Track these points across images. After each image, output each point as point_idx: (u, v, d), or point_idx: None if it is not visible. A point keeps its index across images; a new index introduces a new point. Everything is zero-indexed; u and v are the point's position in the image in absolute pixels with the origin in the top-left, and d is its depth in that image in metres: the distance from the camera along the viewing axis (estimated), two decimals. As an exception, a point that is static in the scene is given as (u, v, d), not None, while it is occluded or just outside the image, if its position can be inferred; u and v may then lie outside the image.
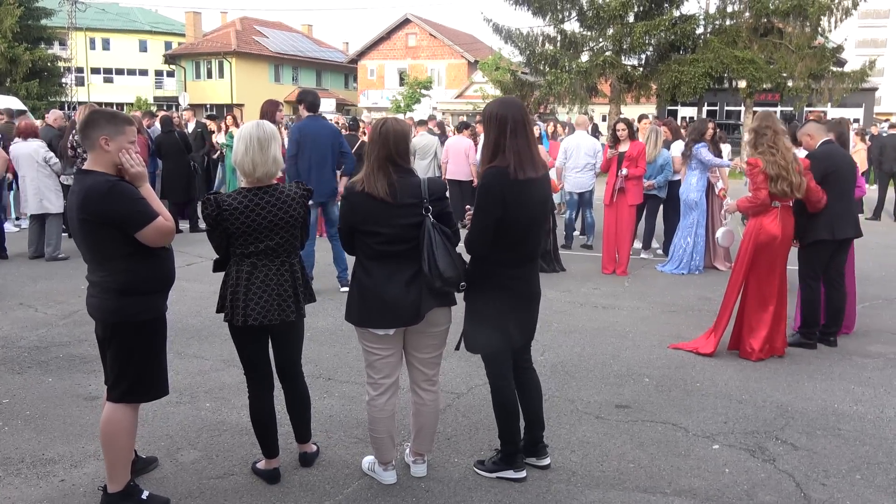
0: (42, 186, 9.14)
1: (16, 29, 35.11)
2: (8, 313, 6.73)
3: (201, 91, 46.34)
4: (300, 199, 3.45)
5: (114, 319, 3.25)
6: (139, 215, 3.15)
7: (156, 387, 3.41)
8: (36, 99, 33.76)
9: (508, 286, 3.48)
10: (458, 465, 3.85)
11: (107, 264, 3.21)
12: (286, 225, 3.39)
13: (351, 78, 51.45)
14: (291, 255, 3.48)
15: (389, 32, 45.22)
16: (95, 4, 46.57)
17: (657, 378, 5.20)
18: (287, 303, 3.42)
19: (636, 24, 24.14)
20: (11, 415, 4.47)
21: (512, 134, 3.35)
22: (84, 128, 3.22)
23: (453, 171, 11.48)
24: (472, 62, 41.12)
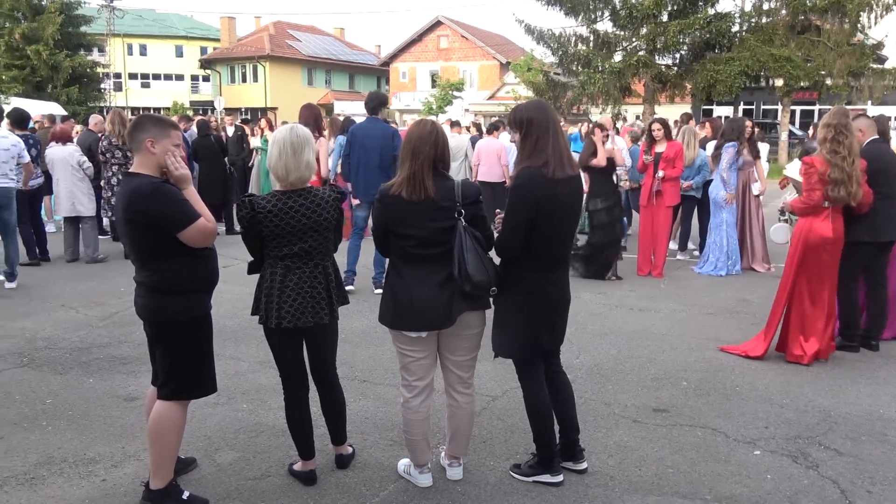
0: (75, 189, 9.30)
1: (57, 36, 35.91)
2: (51, 314, 6.86)
3: (236, 95, 46.91)
4: (333, 202, 3.45)
5: (159, 318, 3.32)
6: (181, 216, 3.20)
7: (204, 384, 3.46)
8: (76, 104, 34.45)
9: (538, 290, 3.46)
10: (494, 469, 3.83)
11: (151, 264, 3.28)
12: (319, 227, 3.40)
13: (383, 80, 51.67)
14: (325, 257, 3.48)
15: (421, 35, 45.31)
16: (133, 11, 47.51)
17: (695, 382, 5.12)
18: (320, 305, 3.43)
19: (670, 23, 23.90)
20: (55, 415, 4.55)
21: (544, 134, 3.34)
22: (132, 130, 3.32)
23: (485, 173, 11.44)
24: (504, 63, 41.03)
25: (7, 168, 7.91)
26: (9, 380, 5.14)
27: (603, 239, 8.27)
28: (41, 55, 35.37)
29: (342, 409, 3.77)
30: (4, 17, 36.59)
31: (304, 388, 3.64)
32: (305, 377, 3.64)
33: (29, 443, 4.14)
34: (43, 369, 5.37)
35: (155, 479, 3.38)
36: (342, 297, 3.62)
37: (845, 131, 5.21)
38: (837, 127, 5.23)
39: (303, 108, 8.02)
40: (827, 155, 5.22)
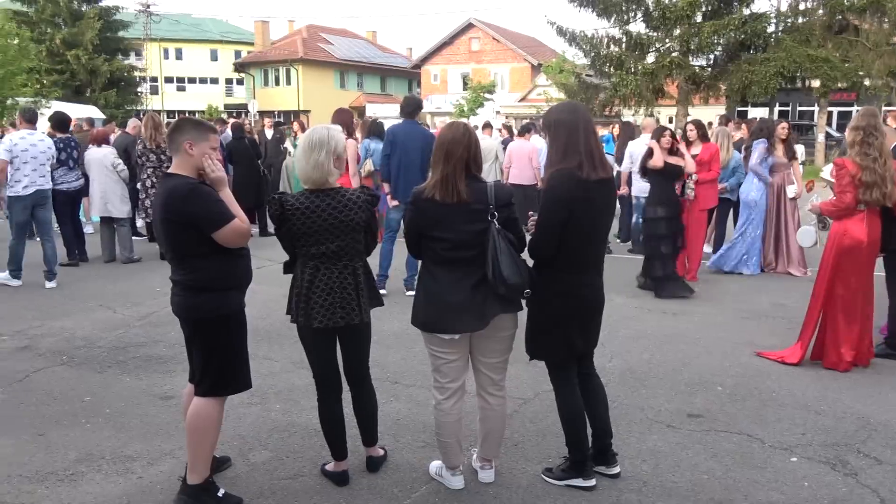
0: (108, 191, 9.47)
1: (95, 41, 36.68)
2: (89, 314, 6.99)
3: (269, 98, 47.40)
4: (363, 204, 3.45)
5: (194, 316, 3.39)
6: (217, 216, 3.27)
7: (238, 380, 3.51)
8: (114, 108, 35.10)
9: (572, 292, 3.45)
10: (526, 472, 3.82)
11: (186, 262, 3.35)
12: (347, 228, 3.41)
13: (415, 83, 51.84)
14: (354, 258, 3.49)
15: (453, 37, 45.38)
16: (169, 16, 48.27)
17: (731, 387, 5.06)
18: (350, 305, 3.45)
19: (704, 24, 23.67)
20: (93, 412, 4.63)
21: (577, 136, 3.34)
22: (171, 132, 3.41)
23: (516, 176, 11.40)
24: (536, 65, 40.92)
25: (44, 170, 8.09)
26: (49, 378, 5.25)
27: (655, 251, 7.73)
28: (80, 60, 36.15)
29: (374, 410, 3.78)
30: (46, 22, 37.46)
31: (337, 389, 3.66)
32: (338, 378, 3.66)
33: (68, 440, 4.22)
34: (82, 368, 5.48)
35: (192, 474, 3.43)
36: (375, 299, 3.63)
37: (875, 132, 5.11)
38: (867, 129, 5.12)
39: (335, 112, 8.12)
40: (857, 158, 5.10)
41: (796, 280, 8.42)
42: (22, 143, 7.93)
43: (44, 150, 8.07)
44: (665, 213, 7.61)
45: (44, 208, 8.16)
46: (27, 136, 8.04)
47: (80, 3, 38.09)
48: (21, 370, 5.39)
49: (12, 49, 25.15)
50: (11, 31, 25.86)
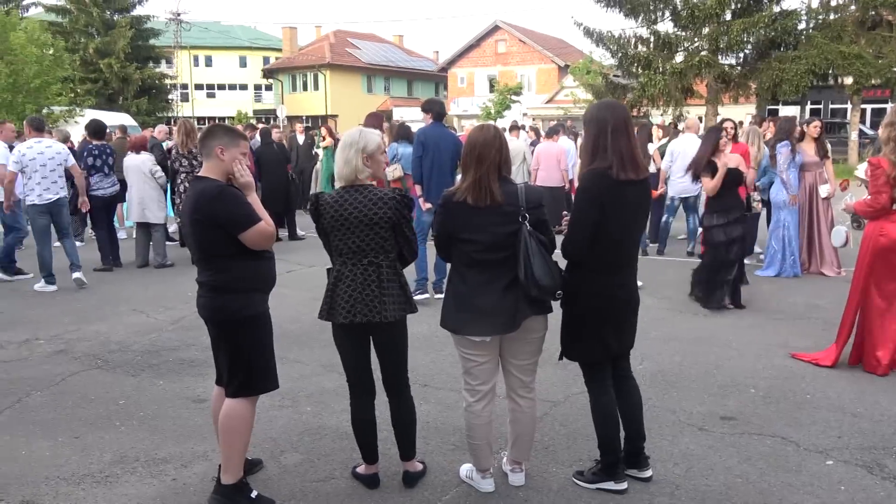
0: (145, 197, 9.61)
1: (127, 50, 37.31)
2: (122, 318, 7.10)
3: (297, 103, 47.81)
4: (389, 201, 3.43)
5: (221, 317, 3.45)
6: (244, 217, 3.35)
7: (266, 379, 3.55)
8: (145, 115, 35.67)
9: (605, 293, 3.44)
10: (557, 475, 3.80)
11: (213, 264, 3.42)
12: (372, 223, 3.41)
13: (441, 86, 51.93)
14: (380, 255, 3.46)
15: (479, 40, 45.39)
16: (199, 24, 48.89)
17: (764, 389, 4.99)
18: (373, 303, 3.42)
19: (733, 22, 23.41)
20: (127, 415, 4.70)
21: (613, 135, 3.32)
22: (204, 137, 3.49)
23: (544, 178, 11.37)
24: (563, 66, 40.79)
25: (56, 176, 8.19)
26: (85, 381, 5.34)
27: (714, 260, 7.15)
28: (113, 68, 36.79)
29: (411, 422, 3.70)
30: (80, 32, 38.21)
31: (369, 392, 3.66)
32: (371, 381, 3.65)
33: (104, 442, 4.29)
34: (116, 371, 5.56)
35: (226, 474, 3.48)
36: (405, 304, 3.53)
37: None
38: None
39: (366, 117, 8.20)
40: (893, 156, 4.98)
41: (830, 280, 8.28)
42: (30, 153, 8.08)
43: (52, 157, 8.18)
44: (721, 220, 7.01)
45: (60, 215, 8.32)
46: (35, 144, 8.19)
47: (113, 13, 38.79)
48: (58, 374, 5.49)
49: (47, 59, 25.65)
50: (46, 41, 26.36)
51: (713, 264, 7.16)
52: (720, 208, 7.08)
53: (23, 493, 3.70)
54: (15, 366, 5.71)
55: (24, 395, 5.07)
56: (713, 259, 7.16)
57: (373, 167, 3.50)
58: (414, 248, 3.59)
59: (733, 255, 7.12)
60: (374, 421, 3.67)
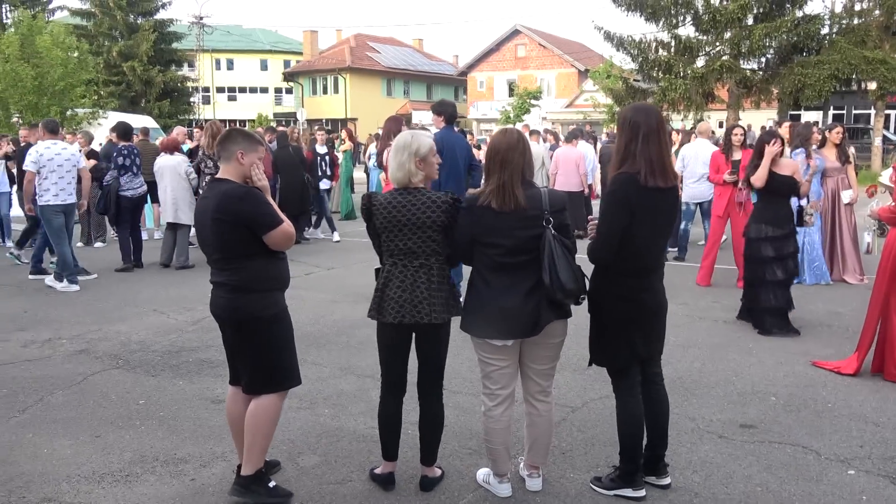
0: (178, 198, 9.72)
1: (150, 53, 37.71)
2: (143, 319, 7.17)
3: (317, 106, 48.04)
4: (442, 205, 3.45)
5: (241, 316, 3.50)
6: (269, 218, 3.44)
7: (290, 376, 3.62)
8: (167, 117, 35.99)
9: (633, 297, 3.43)
10: (574, 481, 3.79)
11: (233, 263, 3.47)
12: (423, 226, 3.43)
13: (461, 90, 52.00)
14: (430, 257, 3.49)
15: (499, 44, 45.41)
16: (221, 27, 49.28)
17: (784, 397, 4.94)
18: (421, 305, 3.44)
19: (755, 27, 23.22)
20: (147, 415, 4.74)
21: (644, 141, 3.30)
22: (223, 141, 3.56)
23: (563, 182, 11.34)
24: (583, 71, 40.68)
25: (70, 177, 8.32)
26: (106, 380, 5.40)
27: (754, 278, 6.51)
28: (136, 71, 37.18)
29: (437, 428, 3.70)
30: (104, 35, 38.67)
31: (402, 390, 3.69)
32: (405, 380, 3.67)
33: (124, 441, 4.33)
34: (136, 371, 5.61)
35: (246, 466, 3.58)
36: (452, 306, 3.54)
37: None
38: None
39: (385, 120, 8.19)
40: None
41: (852, 287, 8.19)
42: (47, 153, 8.23)
43: (68, 158, 8.33)
44: (774, 232, 6.36)
45: (70, 216, 8.44)
46: (51, 145, 8.34)
47: (136, 17, 39.20)
48: (79, 373, 5.55)
49: (72, 62, 25.95)
50: (71, 44, 26.68)
51: (753, 283, 6.52)
52: (770, 218, 6.38)
53: (44, 490, 3.74)
54: (38, 364, 5.78)
55: (46, 393, 5.13)
56: (753, 277, 6.51)
57: (425, 170, 3.52)
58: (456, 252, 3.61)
59: (781, 274, 6.38)
60: (399, 416, 3.70)
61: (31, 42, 24.59)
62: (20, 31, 25.33)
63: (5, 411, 4.82)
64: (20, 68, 23.63)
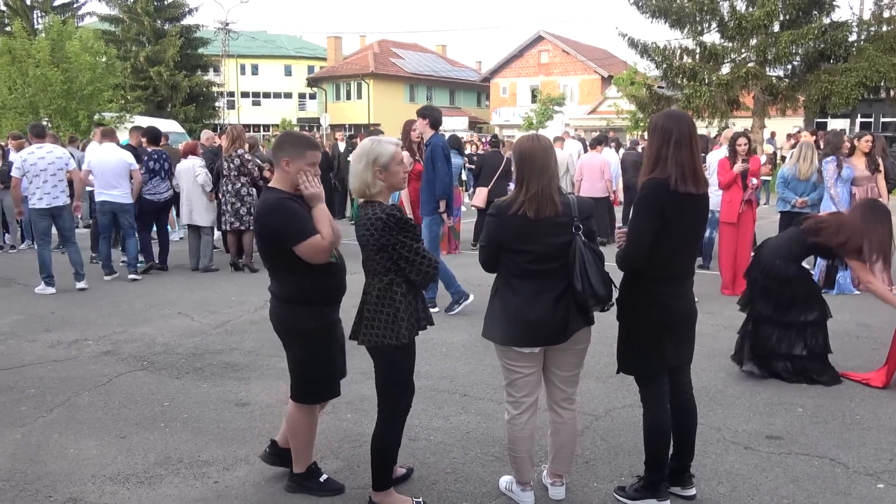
0: (194, 200, 9.81)
1: (177, 58, 38.12)
2: (168, 321, 7.23)
3: (341, 112, 48.28)
4: (377, 222, 3.25)
5: (284, 327, 3.56)
6: (295, 231, 3.36)
7: (321, 391, 3.66)
8: (193, 122, 36.34)
9: (663, 304, 3.39)
10: (598, 490, 3.75)
11: (277, 274, 3.53)
12: (364, 245, 3.36)
13: (483, 96, 52.03)
14: (374, 278, 3.36)
15: (522, 50, 45.40)
16: (246, 33, 49.75)
17: (812, 408, 4.87)
18: (358, 326, 3.43)
19: (782, 34, 22.99)
20: (171, 417, 4.78)
21: (676, 147, 3.27)
22: (273, 148, 3.62)
23: (588, 189, 11.32)
24: (606, 77, 40.55)
25: (56, 180, 8.41)
26: (131, 382, 5.44)
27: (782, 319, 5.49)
28: (162, 76, 37.61)
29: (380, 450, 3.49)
30: (131, 41, 39.17)
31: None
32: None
33: (148, 443, 4.37)
34: (161, 373, 5.66)
35: (295, 465, 3.74)
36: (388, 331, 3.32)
37: None
38: None
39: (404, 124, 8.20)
40: None
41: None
42: (31, 158, 8.36)
43: (53, 161, 8.42)
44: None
45: (61, 217, 8.55)
46: (35, 150, 8.46)
47: (164, 23, 39.66)
48: (105, 374, 5.60)
49: (100, 66, 26.31)
50: (100, 49, 27.05)
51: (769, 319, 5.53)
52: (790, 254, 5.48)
53: (70, 490, 3.78)
54: (65, 365, 5.85)
55: (73, 394, 5.19)
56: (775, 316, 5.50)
57: (388, 179, 3.36)
58: (422, 270, 3.32)
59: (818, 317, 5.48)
60: None
61: (60, 47, 24.96)
62: (50, 37, 25.72)
63: (33, 411, 4.88)
64: (50, 73, 24.00)
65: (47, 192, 8.35)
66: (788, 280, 5.39)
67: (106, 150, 9.14)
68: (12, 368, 5.78)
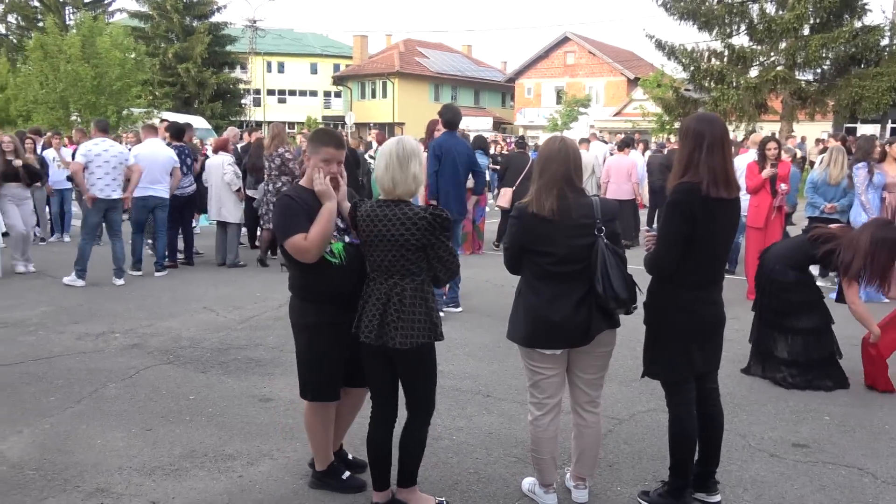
0: (223, 196, 9.89)
1: (205, 55, 38.51)
2: (194, 316, 7.30)
3: (366, 110, 48.46)
4: (419, 222, 3.20)
5: (292, 319, 3.64)
6: (282, 228, 3.41)
7: (317, 390, 3.59)
8: (219, 118, 36.68)
9: (693, 309, 3.37)
10: (621, 495, 3.74)
11: (290, 269, 3.59)
12: (397, 244, 3.23)
13: (508, 97, 51.95)
14: (405, 278, 3.26)
15: (548, 51, 45.27)
16: (274, 31, 50.07)
17: (839, 416, 4.81)
18: (388, 328, 3.24)
19: (812, 37, 22.72)
20: (196, 411, 4.82)
21: (708, 151, 3.25)
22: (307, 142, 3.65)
23: (614, 191, 11.27)
24: (632, 79, 40.31)
25: (116, 174, 8.59)
26: (157, 375, 5.50)
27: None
28: (190, 72, 38.04)
29: (415, 453, 3.47)
30: (160, 38, 39.64)
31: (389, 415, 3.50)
32: (392, 404, 3.50)
33: (174, 436, 4.41)
34: (186, 367, 5.71)
35: (316, 463, 3.80)
36: (427, 330, 3.28)
37: None
38: None
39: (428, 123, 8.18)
40: None
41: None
42: (95, 149, 8.54)
43: (115, 155, 8.61)
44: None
45: (115, 211, 8.72)
46: (100, 142, 8.64)
47: (192, 20, 40.09)
48: (132, 367, 5.67)
49: (129, 63, 26.65)
50: (129, 46, 27.41)
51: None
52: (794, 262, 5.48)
53: (97, 481, 3.83)
54: (93, 357, 5.92)
55: (100, 385, 5.25)
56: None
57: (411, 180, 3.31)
58: (451, 269, 3.33)
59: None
60: (389, 445, 3.48)
61: (91, 43, 25.34)
62: (81, 33, 26.10)
63: (62, 402, 4.95)
64: (80, 68, 24.35)
65: (107, 183, 8.52)
66: (786, 286, 5.43)
67: (153, 145, 9.27)
68: (41, 359, 5.86)
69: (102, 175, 8.49)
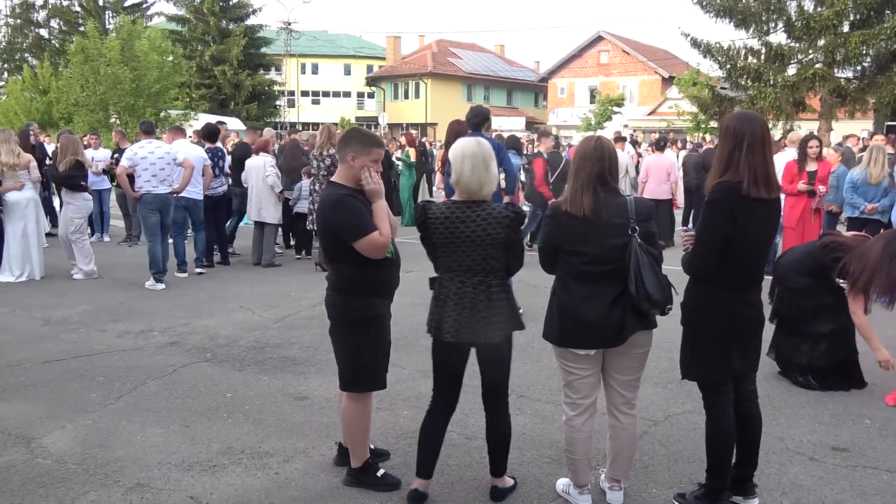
0: (263, 197, 10.00)
1: (240, 57, 39.00)
2: (231, 315, 7.40)
3: (398, 111, 48.63)
4: (504, 220, 3.34)
5: (334, 314, 3.67)
6: (354, 227, 3.46)
7: (371, 379, 3.71)
8: (254, 120, 37.07)
9: (731, 310, 3.33)
10: (657, 497, 3.71)
11: (334, 266, 3.66)
12: (484, 244, 3.33)
13: (541, 96, 51.74)
14: (490, 275, 3.38)
15: (581, 50, 45.01)
16: (308, 33, 50.49)
17: (880, 421, 4.72)
18: (479, 324, 3.36)
19: (852, 34, 22.24)
20: (234, 408, 4.89)
21: (748, 150, 3.21)
22: (340, 142, 3.69)
23: (652, 190, 11.17)
24: (667, 78, 39.91)
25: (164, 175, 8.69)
26: (195, 373, 5.59)
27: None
28: (226, 75, 38.55)
29: (505, 441, 3.62)
30: (197, 40, 40.22)
31: (451, 407, 3.64)
32: (456, 397, 3.62)
33: (211, 432, 4.48)
34: (223, 365, 5.80)
35: (353, 459, 3.81)
36: (512, 321, 3.46)
37: None
38: None
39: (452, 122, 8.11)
40: None
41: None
42: (141, 152, 8.66)
43: (162, 156, 8.71)
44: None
45: (168, 213, 8.83)
46: (146, 144, 8.77)
47: (228, 23, 40.62)
48: (170, 365, 5.77)
49: (167, 65, 27.09)
50: (167, 49, 27.85)
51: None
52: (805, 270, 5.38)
53: (137, 476, 3.91)
54: (132, 355, 6.04)
55: (140, 382, 5.36)
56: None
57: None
58: (521, 261, 3.52)
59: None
60: (442, 436, 3.65)
61: (130, 46, 25.81)
62: (121, 36, 26.59)
63: (103, 398, 5.06)
64: (120, 71, 24.81)
65: (155, 186, 8.65)
66: (798, 291, 5.41)
67: (182, 146, 9.40)
68: (82, 356, 5.99)
69: (150, 178, 8.60)
